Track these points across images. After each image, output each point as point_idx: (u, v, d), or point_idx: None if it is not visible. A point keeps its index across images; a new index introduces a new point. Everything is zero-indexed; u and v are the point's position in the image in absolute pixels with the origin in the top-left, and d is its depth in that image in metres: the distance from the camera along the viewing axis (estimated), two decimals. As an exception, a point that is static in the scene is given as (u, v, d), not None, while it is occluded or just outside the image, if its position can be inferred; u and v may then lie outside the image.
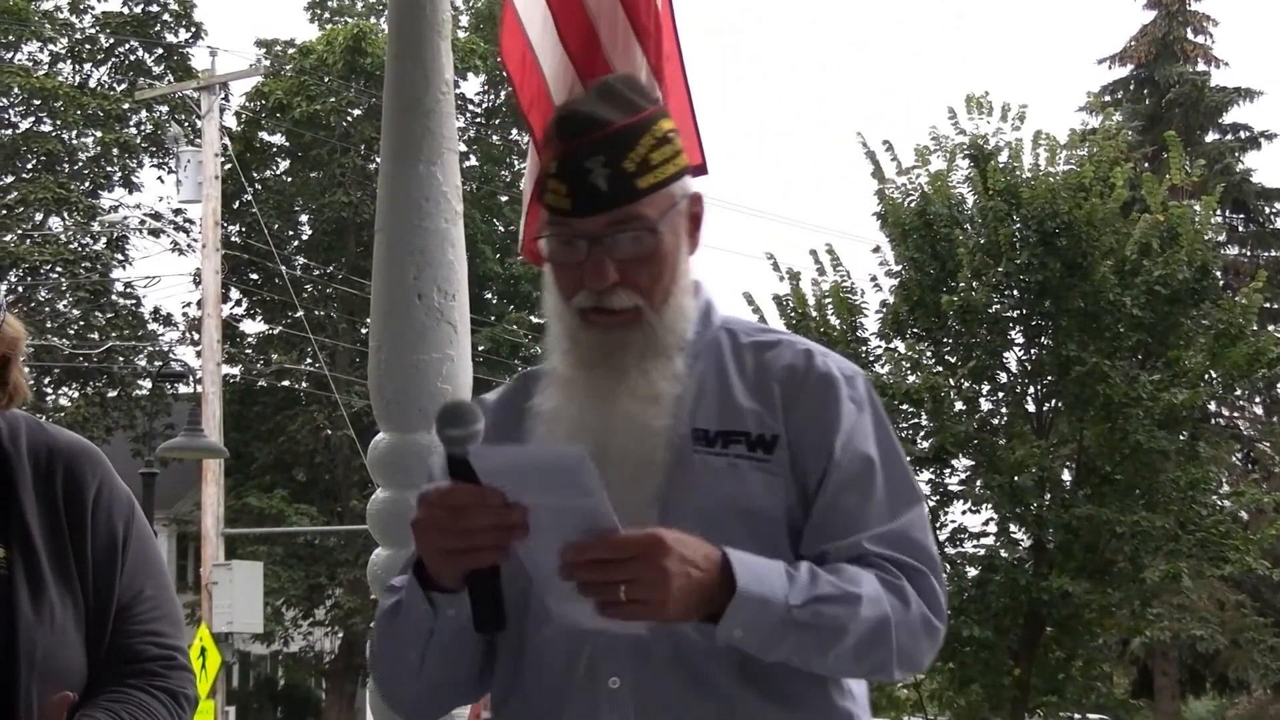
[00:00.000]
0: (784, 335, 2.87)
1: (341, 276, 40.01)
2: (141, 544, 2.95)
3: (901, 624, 2.60)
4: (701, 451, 2.68)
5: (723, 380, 2.75)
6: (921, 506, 2.76)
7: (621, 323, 2.69)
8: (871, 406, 2.78)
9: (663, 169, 2.70)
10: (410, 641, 2.68)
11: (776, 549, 2.63)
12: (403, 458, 4.35)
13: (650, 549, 2.42)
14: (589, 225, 2.66)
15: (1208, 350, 22.41)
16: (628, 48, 5.38)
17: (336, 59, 40.06)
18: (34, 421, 2.98)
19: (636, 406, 2.66)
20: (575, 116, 2.70)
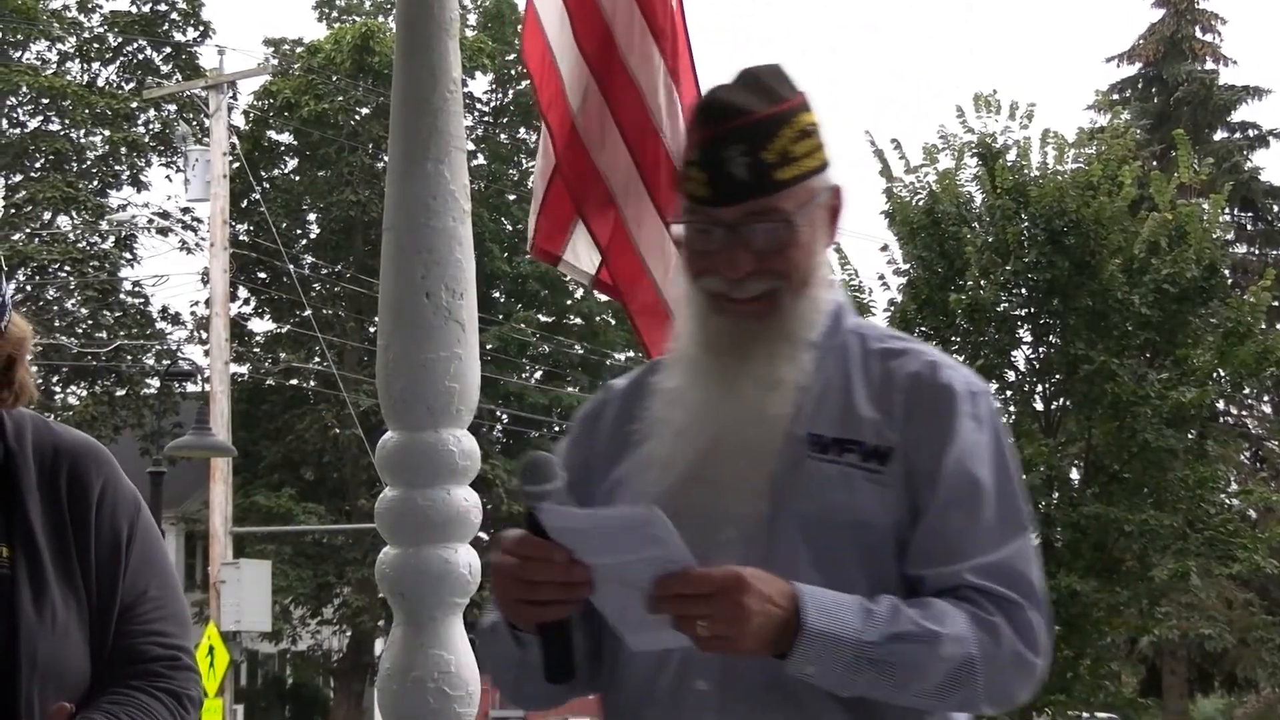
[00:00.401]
0: (914, 344, 2.83)
1: (349, 275, 40.02)
2: (146, 543, 2.93)
3: (989, 662, 2.55)
4: (815, 457, 2.65)
5: (845, 386, 2.72)
6: (1028, 535, 2.69)
7: (753, 311, 2.68)
8: (992, 425, 2.73)
9: (803, 162, 2.68)
10: (504, 664, 2.74)
11: (882, 562, 2.62)
12: (411, 456, 4.35)
13: (730, 586, 2.43)
14: (726, 214, 2.65)
15: (1216, 349, 22.41)
16: (644, 48, 5.39)
17: (344, 58, 40.06)
18: (40, 420, 2.97)
19: (758, 393, 2.65)
20: (716, 104, 2.68)
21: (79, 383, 39.07)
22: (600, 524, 2.48)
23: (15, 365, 2.89)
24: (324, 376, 38.68)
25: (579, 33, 5.42)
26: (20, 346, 2.90)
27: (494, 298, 42.52)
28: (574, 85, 5.44)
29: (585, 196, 5.45)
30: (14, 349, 2.87)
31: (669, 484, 2.65)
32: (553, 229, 5.57)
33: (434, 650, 4.27)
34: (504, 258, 42.38)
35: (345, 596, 39.29)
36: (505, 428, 43.28)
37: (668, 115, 5.40)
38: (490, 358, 38.28)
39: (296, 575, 38.02)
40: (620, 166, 5.41)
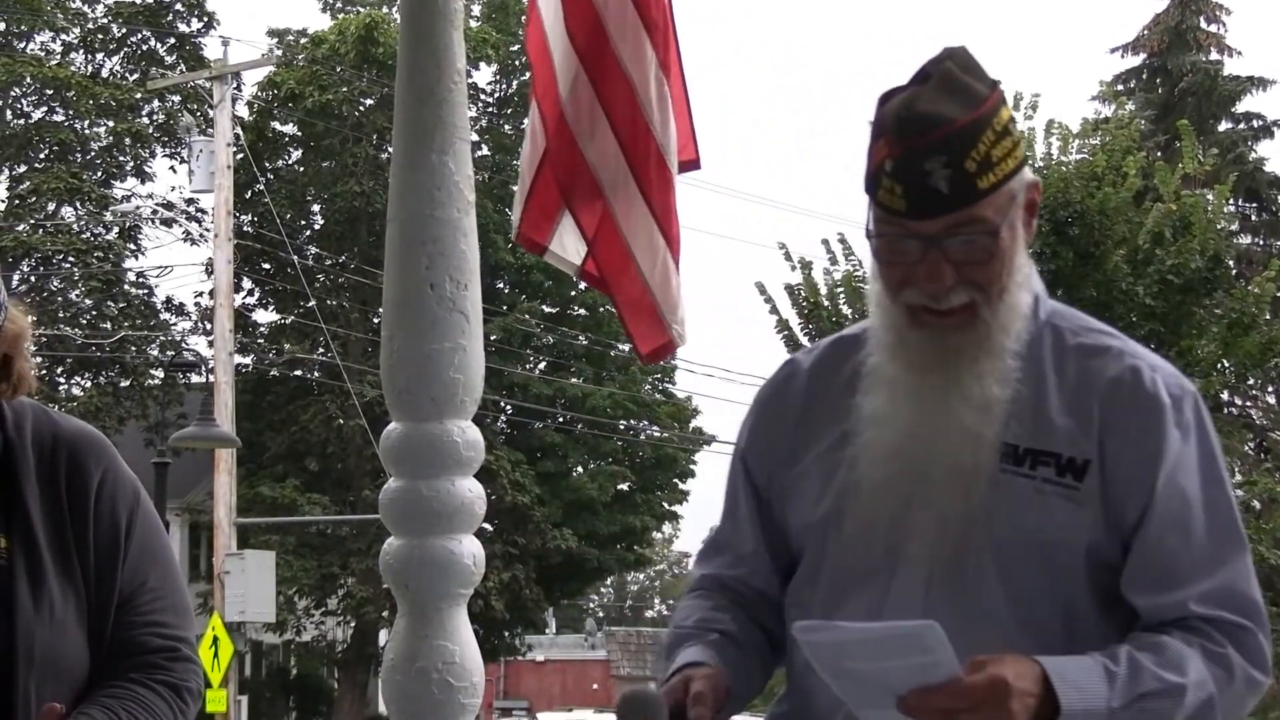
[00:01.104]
0: (1114, 340, 2.70)
1: (354, 266, 40.01)
2: (146, 534, 2.91)
3: (1224, 694, 2.51)
4: (1009, 471, 2.56)
5: (1040, 389, 2.61)
6: (1247, 551, 2.61)
7: (955, 324, 2.58)
8: (1199, 433, 2.61)
9: (1003, 165, 2.57)
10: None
11: (1074, 582, 2.55)
12: (415, 447, 4.35)
13: (997, 695, 2.36)
14: (925, 228, 2.53)
15: (1220, 339, 22.40)
16: (637, 41, 5.38)
17: (349, 49, 40.04)
18: (40, 409, 2.95)
19: (971, 416, 2.55)
20: (915, 114, 2.55)
21: (83, 374, 39.08)
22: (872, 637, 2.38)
23: (14, 357, 2.88)
24: (328, 367, 38.69)
25: (570, 23, 5.41)
26: (16, 342, 2.88)
27: (498, 289, 42.51)
28: (564, 76, 5.43)
29: (573, 187, 5.43)
30: (10, 344, 2.86)
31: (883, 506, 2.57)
32: (540, 218, 5.56)
33: (438, 641, 4.27)
34: (508, 249, 42.32)
35: (349, 587, 39.30)
36: (509, 419, 43.26)
37: (658, 108, 5.39)
38: (494, 349, 38.26)
39: (301, 566, 38.03)
40: (609, 158, 5.39)
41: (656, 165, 5.36)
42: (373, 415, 33.58)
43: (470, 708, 4.31)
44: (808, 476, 2.68)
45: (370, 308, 39.81)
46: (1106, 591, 2.58)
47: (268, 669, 47.89)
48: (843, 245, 23.77)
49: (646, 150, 5.38)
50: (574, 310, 45.28)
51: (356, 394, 35.13)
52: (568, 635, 75.67)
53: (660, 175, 5.36)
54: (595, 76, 5.39)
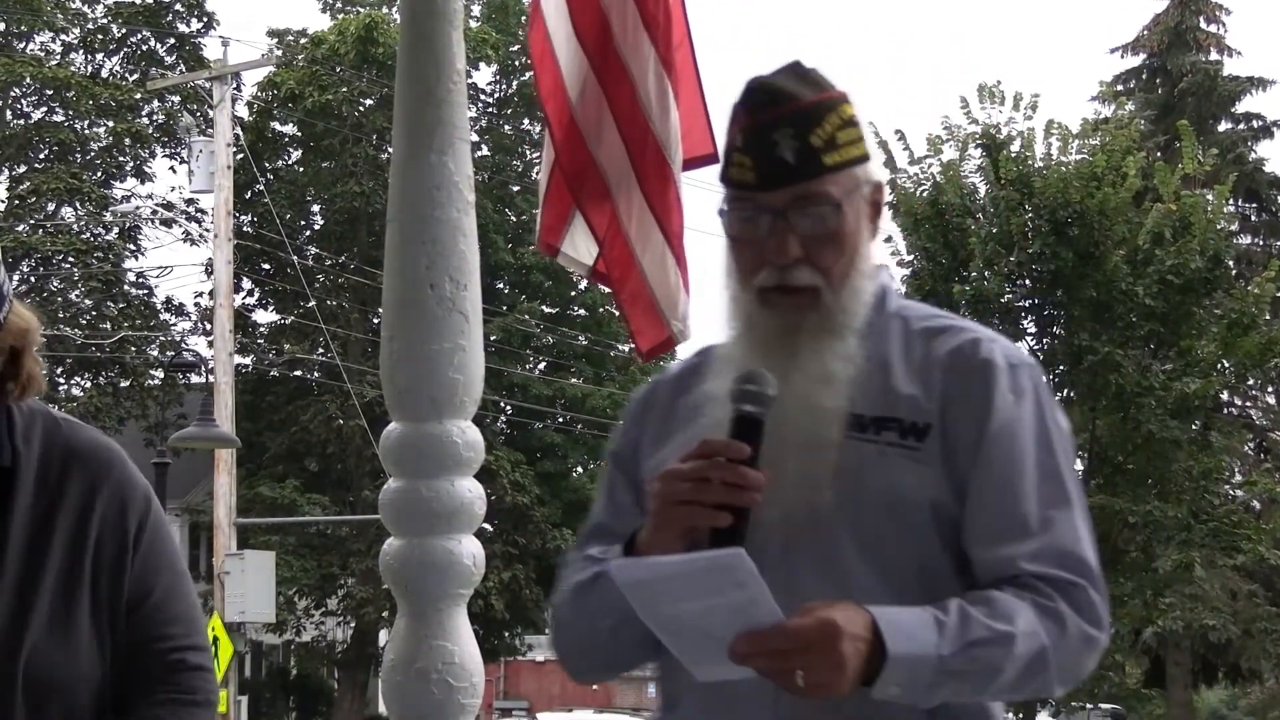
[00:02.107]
0: (957, 321, 2.81)
1: (353, 266, 40.03)
2: (155, 543, 2.87)
3: (1059, 648, 2.57)
4: (854, 437, 2.63)
5: (886, 367, 2.70)
6: (1076, 509, 2.68)
7: (800, 303, 2.67)
8: (1035, 400, 2.70)
9: (848, 150, 2.69)
10: (606, 612, 2.67)
11: (926, 542, 2.62)
12: (415, 447, 4.35)
13: (826, 636, 2.41)
14: (773, 199, 2.65)
15: (1220, 340, 22.40)
16: (636, 38, 5.38)
17: (348, 49, 40.06)
18: (52, 418, 2.91)
19: (810, 387, 2.63)
20: (764, 89, 2.69)
21: (83, 374, 39.08)
22: (681, 569, 2.42)
23: (21, 357, 2.85)
24: (328, 368, 38.70)
25: (578, 24, 5.42)
26: (23, 338, 2.85)
27: (498, 289, 42.52)
28: (572, 77, 5.43)
29: (583, 188, 5.44)
30: (15, 340, 2.84)
31: None
32: (554, 220, 5.57)
33: (438, 641, 4.28)
34: (508, 249, 42.38)
35: (349, 588, 39.31)
36: (509, 419, 43.28)
37: (657, 104, 5.39)
38: (494, 349, 38.25)
39: (300, 566, 38.05)
40: (615, 158, 5.41)
41: (655, 161, 5.37)
42: (372, 415, 33.59)
43: (470, 708, 4.31)
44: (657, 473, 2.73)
45: (370, 308, 39.82)
46: (959, 553, 2.65)
47: (268, 669, 47.91)
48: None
49: (645, 147, 5.39)
50: (574, 310, 45.30)
51: (356, 394, 35.14)
52: (567, 635, 75.76)
53: (659, 172, 5.36)
54: (602, 76, 5.40)
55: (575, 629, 2.81)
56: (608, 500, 2.90)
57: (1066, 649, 2.57)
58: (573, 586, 2.78)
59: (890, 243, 23.75)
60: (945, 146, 23.56)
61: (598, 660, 2.84)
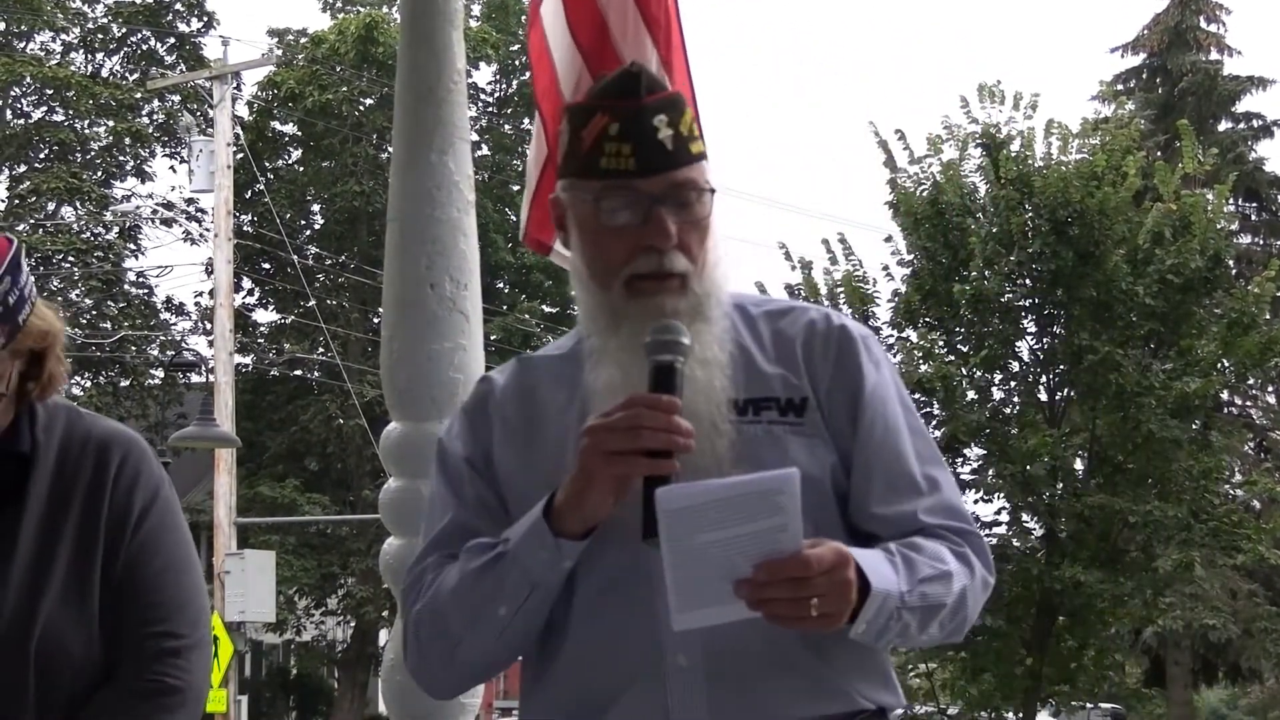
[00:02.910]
0: (795, 303, 2.87)
1: (354, 266, 40.01)
2: (155, 531, 2.91)
3: (972, 589, 2.66)
4: (736, 421, 2.64)
5: (742, 350, 2.72)
6: (944, 463, 2.79)
7: (671, 289, 2.66)
8: (888, 365, 2.80)
9: (700, 143, 2.72)
10: (508, 595, 2.63)
11: (828, 513, 2.65)
12: (415, 447, 4.36)
13: (841, 563, 2.45)
14: (651, 186, 2.65)
15: (1220, 339, 22.38)
16: (638, 38, 5.37)
17: (349, 48, 40.04)
18: (75, 411, 2.98)
19: (698, 370, 2.63)
20: (639, 77, 2.70)
21: (83, 374, 39.06)
22: (733, 492, 2.41)
23: (44, 358, 2.89)
24: (328, 367, 38.70)
25: (573, 22, 5.41)
26: (44, 340, 2.89)
27: (498, 288, 42.49)
28: (567, 76, 5.42)
29: None
30: (36, 343, 2.87)
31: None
32: (545, 218, 5.56)
33: (438, 641, 4.27)
34: (508, 248, 42.35)
35: (349, 587, 39.30)
36: (509, 418, 43.25)
37: None
38: (494, 349, 38.23)
39: (300, 566, 38.04)
40: None
41: None
42: (372, 415, 33.58)
43: (470, 708, 4.32)
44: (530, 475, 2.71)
45: (370, 307, 39.81)
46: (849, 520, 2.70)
47: (268, 669, 47.89)
48: (843, 245, 23.76)
49: None
50: (574, 310, 44.97)
51: (356, 394, 35.13)
52: (568, 635, 75.83)
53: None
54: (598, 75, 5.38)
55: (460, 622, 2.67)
56: (458, 501, 2.79)
57: (975, 592, 2.67)
58: (462, 575, 2.67)
59: (890, 242, 23.75)
60: (945, 146, 23.53)
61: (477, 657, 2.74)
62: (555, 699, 2.76)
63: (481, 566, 2.65)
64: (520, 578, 2.61)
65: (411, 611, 2.75)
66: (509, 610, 2.64)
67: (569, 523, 2.58)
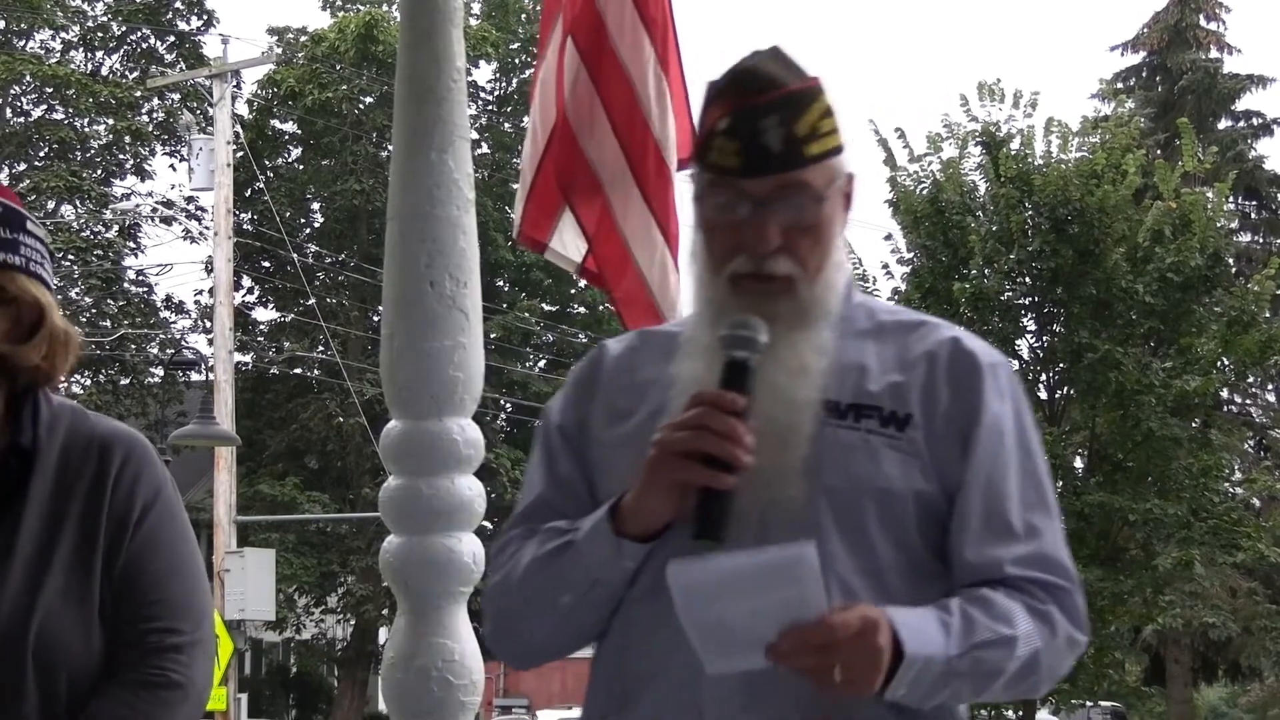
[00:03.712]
0: (929, 318, 2.78)
1: (353, 264, 40.00)
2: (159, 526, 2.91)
3: (1049, 650, 2.57)
4: (832, 424, 2.59)
5: (858, 353, 2.67)
6: (1054, 515, 2.68)
7: (774, 291, 2.60)
8: (1013, 401, 2.69)
9: (828, 140, 2.64)
10: (572, 585, 2.62)
11: (907, 532, 2.58)
12: (415, 445, 4.35)
13: (868, 630, 2.38)
14: (756, 187, 2.59)
15: (1220, 337, 22.41)
16: (635, 37, 5.38)
17: (348, 47, 40.04)
18: (80, 411, 2.97)
19: (784, 378, 2.58)
20: (751, 74, 2.63)
21: (83, 372, 39.03)
22: (746, 569, 2.36)
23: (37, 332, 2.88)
24: (328, 365, 38.70)
25: (571, 20, 5.41)
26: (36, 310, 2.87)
27: (498, 286, 42.50)
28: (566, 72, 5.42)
29: (573, 184, 5.43)
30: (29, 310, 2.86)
31: None
32: (540, 216, 5.56)
33: (438, 639, 4.28)
34: (508, 246, 42.31)
35: (349, 585, 39.30)
36: (509, 417, 43.28)
37: (656, 105, 5.38)
38: (494, 346, 38.24)
39: (300, 564, 38.03)
40: (608, 155, 5.39)
41: (655, 162, 5.36)
42: (372, 413, 33.57)
43: (470, 705, 4.32)
44: (620, 451, 2.67)
45: (370, 306, 39.80)
46: (936, 546, 2.62)
47: (268, 667, 47.89)
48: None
49: (645, 147, 5.37)
50: (574, 308, 45.30)
51: (356, 392, 35.13)
52: (567, 633, 75.79)
53: (659, 172, 5.36)
54: (594, 73, 5.39)
55: (528, 602, 2.69)
56: (549, 476, 2.79)
57: (1055, 652, 2.58)
58: (533, 559, 2.67)
59: (890, 240, 23.78)
60: (945, 144, 23.57)
61: (542, 639, 2.73)
62: (595, 687, 2.76)
63: (550, 553, 2.65)
64: (583, 571, 2.60)
65: (489, 584, 2.77)
66: (572, 599, 2.63)
67: (630, 524, 2.56)
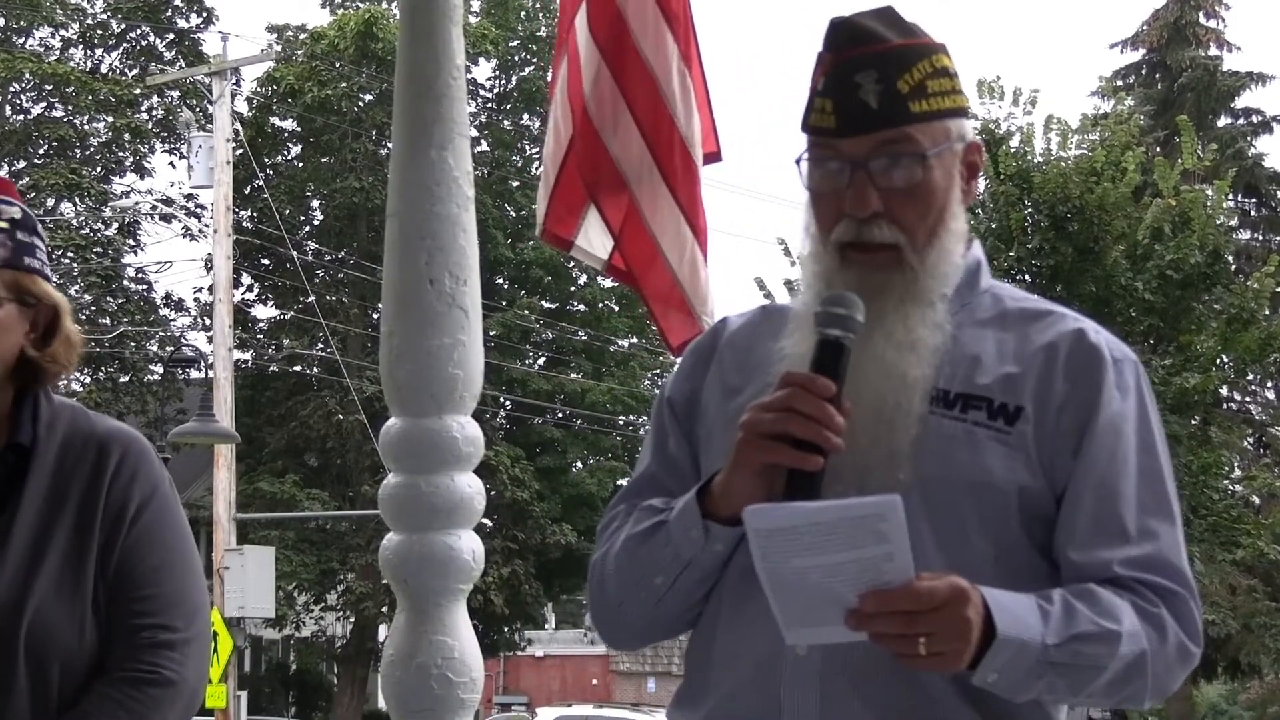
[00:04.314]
0: (1057, 307, 2.62)
1: (353, 262, 40.00)
2: (155, 523, 2.92)
3: (1158, 656, 2.42)
4: (937, 413, 2.47)
5: (976, 343, 2.54)
6: (1177, 522, 2.53)
7: (881, 262, 2.48)
8: (1138, 397, 2.54)
9: (939, 100, 2.50)
10: (663, 567, 2.54)
11: (1006, 527, 2.47)
12: (414, 443, 4.35)
13: (957, 599, 2.26)
14: (854, 147, 2.47)
15: (1219, 335, 22.42)
16: (658, 33, 5.37)
17: (348, 44, 40.03)
18: (80, 410, 3.00)
19: (893, 353, 2.46)
20: (849, 28, 2.51)
21: (82, 370, 39.04)
22: (827, 516, 2.24)
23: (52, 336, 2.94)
24: (327, 363, 38.70)
25: (591, 17, 5.41)
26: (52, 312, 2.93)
27: (497, 284, 42.48)
28: (586, 69, 5.42)
29: (598, 181, 5.42)
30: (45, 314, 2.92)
31: None
32: (565, 213, 5.54)
33: (438, 636, 4.27)
34: (507, 244, 42.36)
35: (349, 583, 39.30)
36: (509, 414, 43.26)
37: (681, 101, 5.38)
38: (494, 344, 38.23)
39: (300, 561, 38.04)
40: (633, 151, 5.38)
41: (681, 157, 5.35)
42: (372, 411, 33.57)
43: (469, 703, 4.31)
44: (726, 428, 2.56)
45: (369, 303, 39.80)
46: (1041, 543, 2.51)
47: (267, 664, 47.91)
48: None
49: (671, 142, 5.37)
50: (573, 306, 45.29)
51: (356, 389, 35.13)
52: (567, 631, 75.60)
53: (685, 167, 5.35)
54: (616, 70, 5.38)
55: (623, 582, 2.62)
56: (658, 451, 2.73)
57: (1165, 658, 2.44)
58: (627, 538, 2.60)
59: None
60: (945, 141, 23.57)
61: (638, 619, 2.65)
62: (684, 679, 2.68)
63: (644, 532, 2.58)
64: (673, 553, 2.53)
65: (593, 559, 2.70)
66: (664, 581, 2.56)
67: (719, 506, 2.46)
